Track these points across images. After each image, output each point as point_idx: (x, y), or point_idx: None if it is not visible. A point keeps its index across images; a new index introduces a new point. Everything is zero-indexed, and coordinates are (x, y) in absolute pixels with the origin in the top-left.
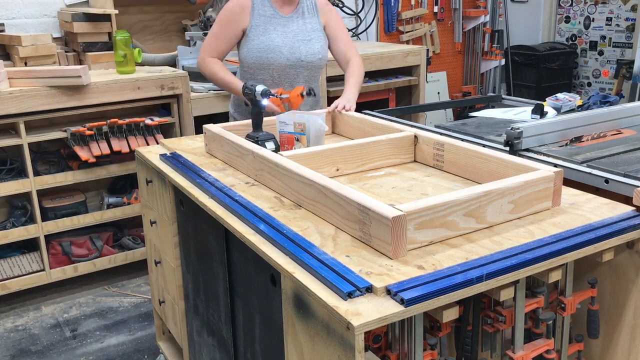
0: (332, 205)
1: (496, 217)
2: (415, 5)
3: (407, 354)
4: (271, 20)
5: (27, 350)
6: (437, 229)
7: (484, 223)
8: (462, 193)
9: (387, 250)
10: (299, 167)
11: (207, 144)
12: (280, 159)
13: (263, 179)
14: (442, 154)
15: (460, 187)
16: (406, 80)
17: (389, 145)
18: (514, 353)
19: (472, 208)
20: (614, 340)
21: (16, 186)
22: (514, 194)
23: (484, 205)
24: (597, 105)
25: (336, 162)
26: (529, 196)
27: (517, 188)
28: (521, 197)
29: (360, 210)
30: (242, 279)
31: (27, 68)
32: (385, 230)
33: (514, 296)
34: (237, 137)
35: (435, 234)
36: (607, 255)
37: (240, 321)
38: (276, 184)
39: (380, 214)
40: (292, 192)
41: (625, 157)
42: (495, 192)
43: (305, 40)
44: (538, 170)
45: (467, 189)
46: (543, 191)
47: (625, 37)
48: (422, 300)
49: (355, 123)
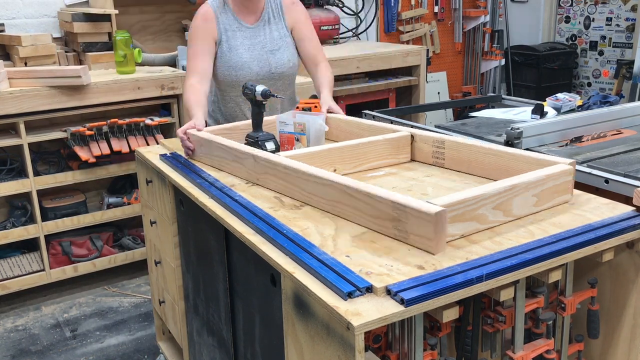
0: (360, 205)
1: (521, 210)
2: (415, 5)
3: (407, 354)
4: (236, 35)
5: (27, 350)
6: (469, 222)
7: (511, 216)
8: (490, 187)
9: (428, 246)
10: (317, 170)
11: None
12: (290, 162)
13: (267, 182)
14: (442, 152)
15: (460, 187)
16: (406, 80)
17: (386, 145)
18: (514, 353)
19: (500, 201)
20: (614, 340)
21: (16, 186)
22: (536, 187)
23: (510, 199)
24: (597, 105)
25: (334, 162)
26: (550, 189)
27: (540, 181)
28: (543, 191)
29: (394, 208)
30: (242, 279)
31: (27, 68)
32: (427, 226)
33: (514, 296)
34: (231, 142)
35: (466, 227)
36: (607, 255)
37: (240, 321)
38: (282, 186)
39: (420, 211)
40: (304, 194)
41: (626, 157)
42: (521, 186)
43: (274, 50)
44: (557, 164)
45: (494, 184)
46: (563, 184)
47: (625, 37)
48: (422, 300)
49: (347, 127)
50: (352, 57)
